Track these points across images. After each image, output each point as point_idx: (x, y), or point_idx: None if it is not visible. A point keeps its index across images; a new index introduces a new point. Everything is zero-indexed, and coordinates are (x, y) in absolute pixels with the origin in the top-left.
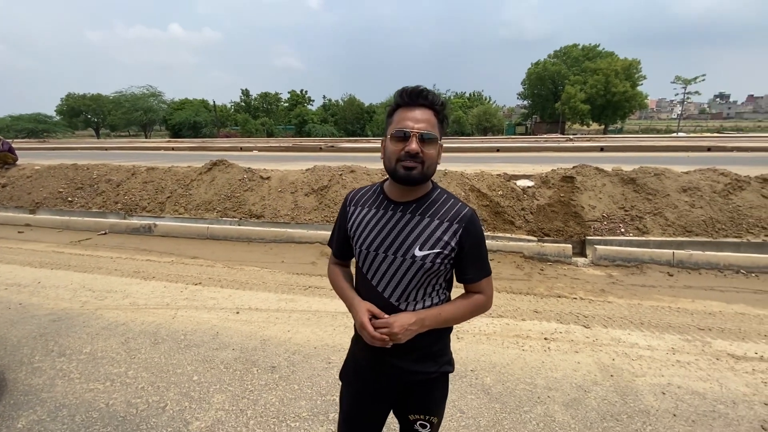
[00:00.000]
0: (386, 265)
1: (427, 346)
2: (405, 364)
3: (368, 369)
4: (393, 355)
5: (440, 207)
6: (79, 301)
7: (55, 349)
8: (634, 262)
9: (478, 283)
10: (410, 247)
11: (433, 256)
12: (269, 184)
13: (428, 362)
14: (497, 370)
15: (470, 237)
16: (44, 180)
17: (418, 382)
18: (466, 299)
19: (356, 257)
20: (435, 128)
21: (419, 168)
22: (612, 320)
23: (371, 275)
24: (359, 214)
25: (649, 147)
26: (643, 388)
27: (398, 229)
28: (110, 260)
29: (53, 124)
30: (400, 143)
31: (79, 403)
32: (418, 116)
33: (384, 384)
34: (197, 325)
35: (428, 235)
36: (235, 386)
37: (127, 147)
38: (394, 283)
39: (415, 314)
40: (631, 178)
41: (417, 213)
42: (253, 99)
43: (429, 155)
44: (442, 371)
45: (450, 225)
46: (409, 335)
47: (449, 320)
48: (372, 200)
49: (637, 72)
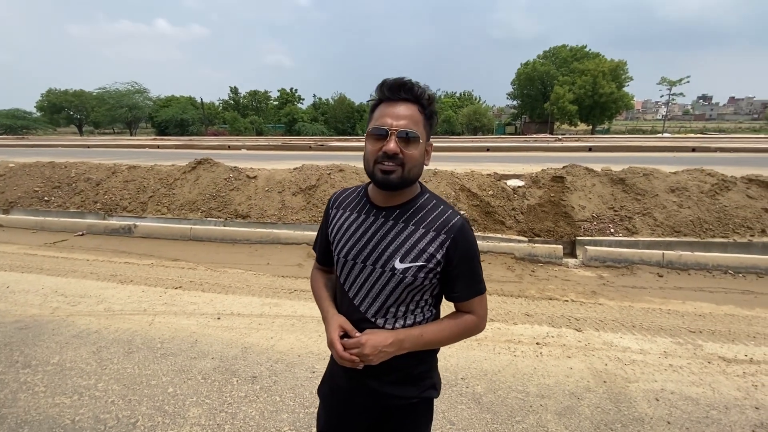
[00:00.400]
0: (364, 277)
1: (407, 367)
2: (382, 387)
3: (343, 389)
4: (369, 376)
5: (427, 214)
6: (49, 307)
7: (20, 360)
8: (625, 263)
9: (468, 302)
10: (390, 258)
11: (416, 270)
12: (256, 184)
13: (408, 386)
14: (488, 378)
15: (459, 250)
16: (19, 178)
17: (397, 407)
18: (454, 320)
19: (335, 265)
20: (419, 125)
21: (399, 171)
22: (604, 323)
23: (348, 286)
24: (340, 217)
25: (636, 147)
26: (637, 395)
27: (378, 237)
28: (86, 263)
29: (33, 121)
30: (378, 142)
31: (43, 420)
32: (400, 112)
33: (360, 407)
34: (175, 332)
35: (411, 246)
36: (213, 398)
37: (110, 144)
38: (372, 296)
39: (392, 333)
40: (621, 178)
41: (400, 220)
42: (242, 97)
43: (410, 156)
44: (424, 396)
45: (437, 235)
46: (383, 357)
47: (432, 342)
48: (355, 203)
49: (623, 73)
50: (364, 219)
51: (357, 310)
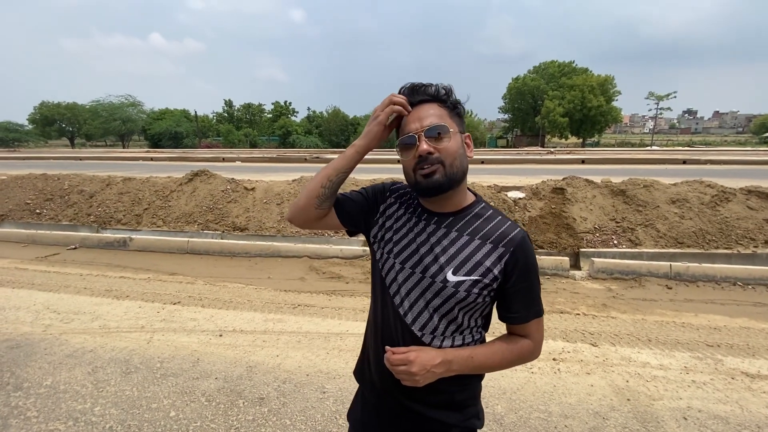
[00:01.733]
0: (411, 284)
1: (451, 392)
2: (424, 411)
3: (379, 411)
4: (409, 398)
5: (483, 224)
6: (41, 324)
7: (11, 382)
8: (632, 275)
9: (525, 325)
10: (442, 268)
11: (470, 284)
12: (254, 195)
13: (452, 412)
14: (507, 397)
15: (519, 265)
16: (10, 191)
17: None
18: (508, 344)
19: (378, 262)
20: (445, 118)
21: (440, 169)
22: (619, 337)
23: (393, 291)
24: (396, 210)
25: (627, 159)
26: (663, 413)
27: (430, 245)
28: (79, 278)
29: (24, 133)
30: (411, 150)
31: None
32: (422, 114)
33: (391, 419)
34: (175, 351)
35: (465, 257)
36: (219, 423)
37: (103, 157)
38: (419, 307)
39: (441, 353)
40: (621, 189)
41: (453, 228)
42: (236, 110)
43: (446, 150)
44: (465, 426)
45: (494, 248)
46: (429, 378)
47: (482, 367)
48: (410, 203)
49: (612, 87)
50: (416, 222)
51: (400, 318)
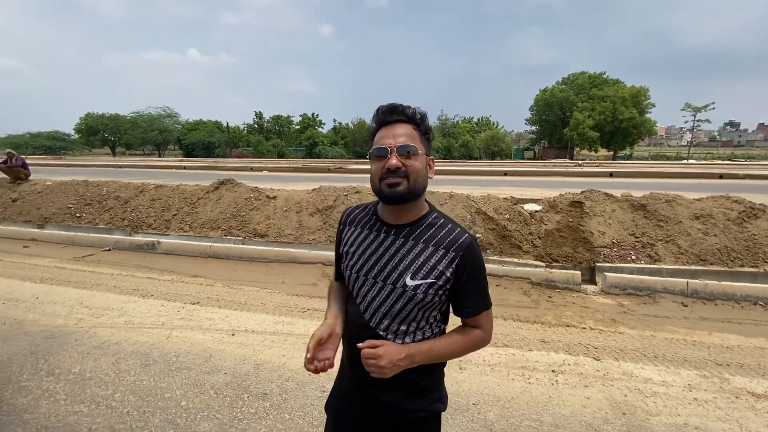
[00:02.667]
0: (375, 292)
1: (416, 381)
2: (392, 400)
3: (352, 402)
4: (378, 388)
5: (436, 232)
6: (74, 318)
7: (44, 368)
8: (647, 291)
9: (476, 317)
10: (401, 275)
11: (426, 287)
12: (275, 204)
13: (417, 399)
14: (501, 405)
15: (468, 266)
16: (54, 195)
17: (406, 421)
18: (462, 334)
19: (346, 279)
20: (416, 140)
21: (404, 183)
22: (624, 353)
23: (359, 301)
24: (352, 234)
25: (659, 173)
26: (659, 429)
27: (389, 255)
28: (110, 277)
29: (70, 142)
30: (381, 161)
31: (62, 427)
32: (397, 132)
33: (371, 421)
34: (191, 347)
35: (421, 263)
36: (224, 414)
37: (140, 165)
38: (382, 312)
39: (405, 348)
40: (642, 204)
41: (410, 238)
42: (266, 121)
43: (413, 168)
44: (431, 410)
45: (446, 252)
46: (395, 370)
47: (441, 356)
48: (365, 220)
49: (645, 99)
50: (375, 236)
51: (368, 325)
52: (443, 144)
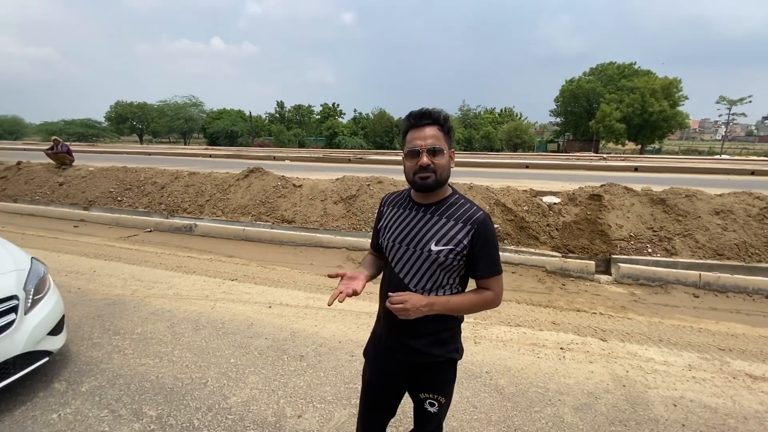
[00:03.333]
0: (407, 256)
1: (437, 332)
2: (417, 346)
3: (386, 348)
4: (408, 337)
5: (457, 209)
6: (129, 289)
7: (111, 329)
8: (659, 282)
9: (487, 280)
10: (428, 242)
11: (447, 252)
12: (301, 192)
13: (437, 347)
14: (511, 374)
15: (481, 237)
16: (97, 180)
17: (427, 365)
18: (475, 293)
19: (384, 249)
20: (441, 141)
21: (433, 176)
22: (630, 335)
23: (395, 263)
24: (389, 213)
25: (687, 168)
26: (655, 399)
27: (419, 227)
28: (155, 255)
29: (102, 130)
30: (414, 159)
31: (134, 374)
32: (425, 134)
33: (398, 363)
34: (233, 316)
35: (444, 233)
36: (268, 370)
37: (168, 153)
38: (413, 272)
39: (426, 297)
40: (661, 198)
41: (436, 214)
42: (287, 110)
43: (439, 164)
44: (448, 357)
45: (464, 225)
46: (418, 314)
47: (456, 309)
48: (401, 202)
49: (677, 91)
50: (408, 213)
51: (402, 283)
52: (464, 135)
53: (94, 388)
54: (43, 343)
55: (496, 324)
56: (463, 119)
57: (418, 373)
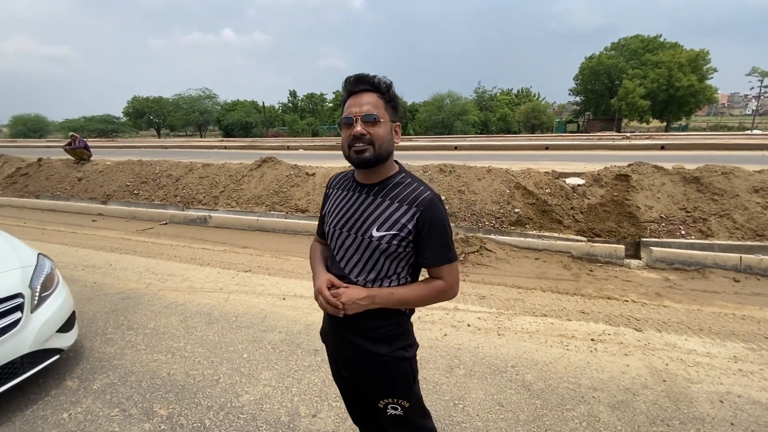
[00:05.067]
0: (348, 243)
1: (382, 327)
2: (360, 343)
3: (333, 344)
4: (351, 331)
5: (402, 190)
6: (144, 282)
7: (125, 324)
8: (695, 266)
9: (437, 269)
10: (369, 227)
11: (390, 237)
12: (314, 181)
13: (383, 344)
14: (539, 368)
15: (428, 220)
16: (114, 174)
17: (374, 364)
18: (425, 283)
19: (327, 235)
20: (380, 109)
21: (370, 149)
22: (667, 325)
23: (336, 251)
24: (333, 196)
25: (717, 145)
26: (699, 395)
27: (361, 210)
28: (170, 247)
29: (120, 125)
30: (348, 129)
31: (145, 371)
32: (362, 101)
33: (345, 361)
34: (247, 309)
35: (387, 217)
36: (281, 365)
37: (184, 146)
38: (354, 260)
39: (366, 290)
40: (695, 177)
41: (379, 195)
42: (300, 100)
43: (377, 135)
44: (395, 355)
45: (409, 208)
46: (356, 309)
47: (402, 301)
48: (344, 183)
49: (705, 64)
50: (350, 195)
51: (343, 273)
52: (480, 118)
53: (106, 386)
54: (52, 340)
55: (521, 314)
56: (478, 101)
57: (367, 374)
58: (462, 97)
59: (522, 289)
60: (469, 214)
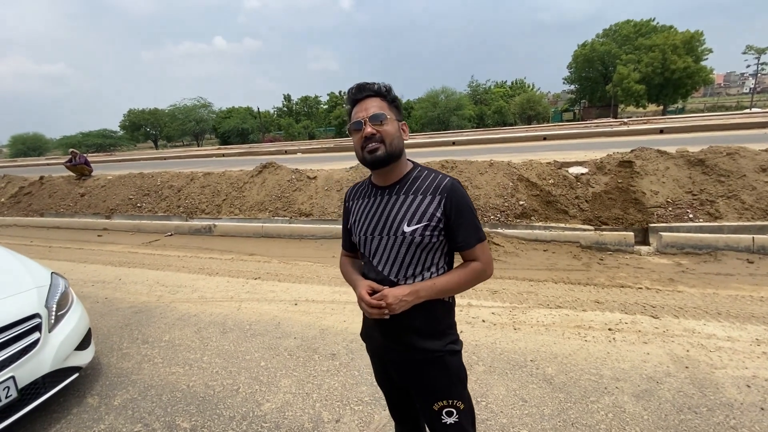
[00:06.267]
0: (383, 246)
1: (430, 324)
2: (410, 340)
3: (377, 340)
4: (402, 330)
5: (422, 182)
6: (155, 295)
7: (139, 337)
8: (707, 249)
9: (471, 250)
10: (399, 224)
11: (422, 229)
12: (316, 184)
13: (433, 340)
14: (558, 361)
15: (454, 204)
16: (116, 188)
17: (427, 361)
18: (462, 268)
19: (358, 245)
20: (385, 109)
21: (382, 147)
22: (684, 310)
23: (371, 257)
24: (355, 206)
25: (717, 126)
26: (725, 381)
27: (387, 211)
28: (178, 259)
29: (118, 139)
30: (359, 132)
31: (164, 384)
32: (367, 105)
33: (394, 363)
34: (260, 316)
35: (414, 211)
36: (300, 372)
37: (183, 156)
38: (391, 260)
39: (409, 286)
40: (699, 159)
41: (401, 192)
42: (295, 103)
43: (386, 132)
44: (447, 350)
45: (433, 197)
46: (403, 306)
47: (445, 290)
48: (363, 192)
49: (700, 45)
50: (372, 201)
51: (382, 275)
52: (475, 112)
53: (127, 401)
54: (71, 359)
55: (535, 307)
56: (472, 96)
57: (421, 373)
58: (456, 92)
59: (533, 282)
60: None
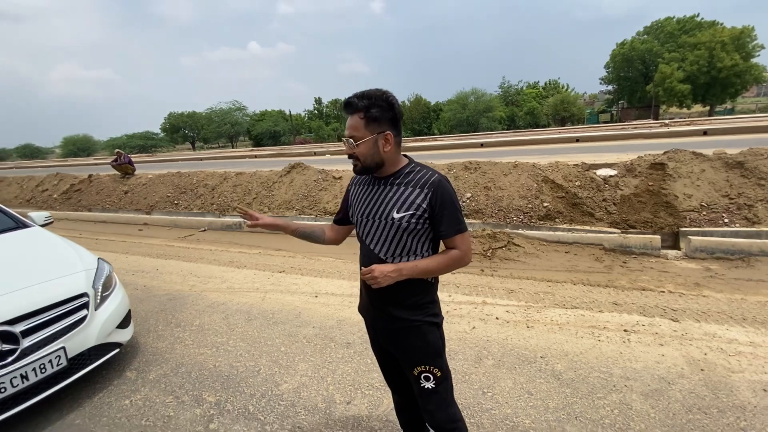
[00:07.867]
0: (374, 228)
1: (413, 296)
2: (395, 312)
3: (372, 318)
4: (386, 303)
5: (414, 177)
6: (188, 284)
7: (173, 321)
8: (739, 255)
9: (452, 239)
10: (390, 211)
11: (409, 217)
12: (341, 184)
13: (415, 311)
14: (569, 358)
15: (439, 198)
16: (156, 186)
17: (408, 329)
18: (442, 253)
19: (356, 226)
20: (360, 130)
21: (358, 164)
22: (707, 315)
23: (365, 237)
24: (355, 191)
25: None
26: (740, 384)
27: (381, 198)
28: (209, 252)
29: (159, 140)
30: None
31: (194, 363)
32: (349, 124)
33: (383, 331)
34: (282, 306)
35: (404, 200)
36: (316, 357)
37: (218, 157)
38: (381, 241)
39: (394, 265)
40: (738, 161)
41: (395, 184)
42: (325, 106)
43: (360, 153)
44: (426, 320)
45: (422, 190)
46: (387, 280)
47: (426, 271)
48: (364, 180)
49: (751, 41)
50: (370, 188)
51: (373, 254)
52: (506, 114)
53: (160, 376)
54: (113, 335)
55: (550, 307)
56: (503, 97)
57: (403, 339)
58: (487, 94)
59: (552, 283)
60: (496, 210)
